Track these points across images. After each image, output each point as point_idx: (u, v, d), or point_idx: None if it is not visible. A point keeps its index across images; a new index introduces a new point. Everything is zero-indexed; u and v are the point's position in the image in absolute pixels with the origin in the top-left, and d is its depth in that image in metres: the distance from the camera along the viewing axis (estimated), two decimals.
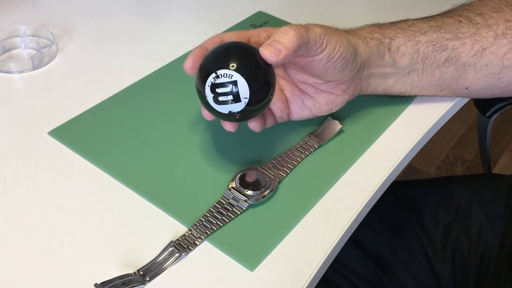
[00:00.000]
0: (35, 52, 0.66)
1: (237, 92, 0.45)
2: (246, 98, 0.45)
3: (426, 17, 0.58)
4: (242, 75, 0.45)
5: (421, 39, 0.55)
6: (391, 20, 0.58)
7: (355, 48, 0.51)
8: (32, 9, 0.76)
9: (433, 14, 0.59)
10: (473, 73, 0.56)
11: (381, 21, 0.59)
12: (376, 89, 0.57)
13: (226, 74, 0.45)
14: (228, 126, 0.50)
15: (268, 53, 0.46)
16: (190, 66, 0.48)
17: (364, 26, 0.56)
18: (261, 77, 0.46)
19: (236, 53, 0.46)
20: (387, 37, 0.54)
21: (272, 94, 0.48)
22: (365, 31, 0.54)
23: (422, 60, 0.56)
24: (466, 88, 0.58)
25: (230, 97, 0.45)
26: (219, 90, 0.45)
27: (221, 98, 0.45)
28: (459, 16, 0.56)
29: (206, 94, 0.46)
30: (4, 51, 0.67)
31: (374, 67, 0.55)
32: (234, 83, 0.45)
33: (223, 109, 0.46)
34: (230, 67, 0.45)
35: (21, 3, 0.76)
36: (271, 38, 0.46)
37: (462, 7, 0.58)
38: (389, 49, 0.55)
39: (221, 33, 0.52)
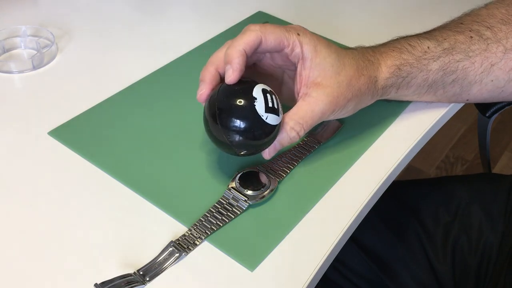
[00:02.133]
0: (35, 52, 0.66)
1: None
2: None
3: (440, 35, 0.56)
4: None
5: (432, 67, 0.54)
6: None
7: (359, 107, 0.53)
8: (32, 9, 0.76)
9: (443, 20, 0.58)
10: (477, 88, 0.56)
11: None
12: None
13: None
14: None
15: (268, 156, 0.49)
16: (237, 78, 0.47)
17: (387, 57, 0.54)
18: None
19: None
20: (401, 77, 0.54)
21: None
22: (385, 74, 0.53)
23: (428, 85, 0.56)
24: (467, 100, 0.59)
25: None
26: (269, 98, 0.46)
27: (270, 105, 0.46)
28: (470, 31, 0.56)
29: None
30: (4, 51, 0.67)
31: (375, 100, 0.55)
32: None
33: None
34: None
35: (21, 3, 0.76)
36: (278, 139, 0.48)
37: (471, 18, 0.57)
38: (398, 88, 0.55)
39: (261, 29, 0.48)
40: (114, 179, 0.51)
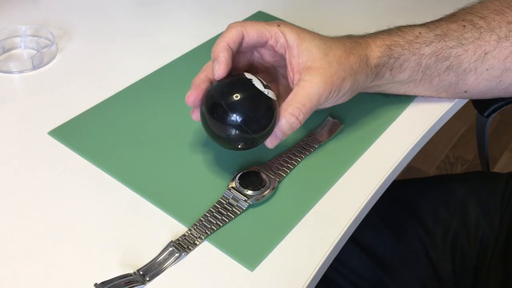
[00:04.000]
0: (35, 52, 0.66)
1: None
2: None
3: (432, 23, 0.57)
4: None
5: (425, 51, 0.55)
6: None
7: (356, 87, 0.53)
8: (32, 9, 0.76)
9: (437, 17, 0.59)
10: (473, 77, 0.56)
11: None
12: (368, 91, 0.57)
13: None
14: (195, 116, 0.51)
15: (270, 145, 0.49)
16: (225, 71, 0.48)
17: (376, 38, 0.54)
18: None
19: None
20: (393, 57, 0.54)
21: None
22: (376, 53, 0.53)
23: (422, 71, 0.56)
24: (465, 91, 0.58)
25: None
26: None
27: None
28: (463, 20, 0.56)
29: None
30: (4, 51, 0.67)
31: (372, 83, 0.55)
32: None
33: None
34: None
35: (21, 3, 0.76)
36: (279, 127, 0.48)
37: (464, 11, 0.58)
38: (391, 69, 0.55)
39: (241, 25, 0.50)
40: (114, 179, 0.51)
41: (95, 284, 0.42)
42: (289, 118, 0.48)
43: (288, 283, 0.44)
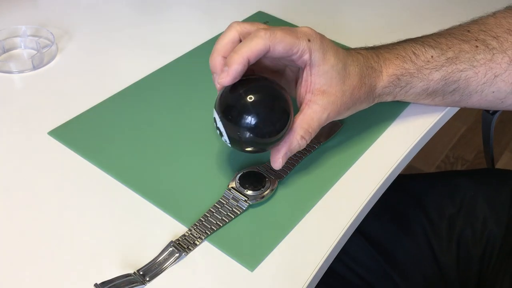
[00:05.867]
0: (35, 52, 0.66)
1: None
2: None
3: (446, 44, 0.56)
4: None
5: (434, 76, 0.54)
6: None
7: (355, 112, 0.53)
8: (32, 9, 0.76)
9: (451, 27, 0.58)
10: (477, 98, 0.56)
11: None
12: None
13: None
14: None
15: (279, 166, 0.49)
16: (231, 82, 0.46)
17: (391, 63, 0.54)
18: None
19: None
20: (399, 86, 0.54)
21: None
22: (384, 82, 0.53)
23: (428, 94, 0.56)
24: (464, 106, 0.59)
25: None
26: None
27: None
28: (476, 40, 0.55)
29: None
30: (4, 51, 0.67)
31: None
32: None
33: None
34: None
35: (21, 3, 0.76)
36: (290, 148, 0.49)
37: (478, 27, 0.57)
38: (395, 96, 0.55)
39: (270, 39, 0.46)
40: (114, 179, 0.51)
41: (95, 284, 0.42)
42: (301, 140, 0.49)
43: (288, 283, 0.44)
